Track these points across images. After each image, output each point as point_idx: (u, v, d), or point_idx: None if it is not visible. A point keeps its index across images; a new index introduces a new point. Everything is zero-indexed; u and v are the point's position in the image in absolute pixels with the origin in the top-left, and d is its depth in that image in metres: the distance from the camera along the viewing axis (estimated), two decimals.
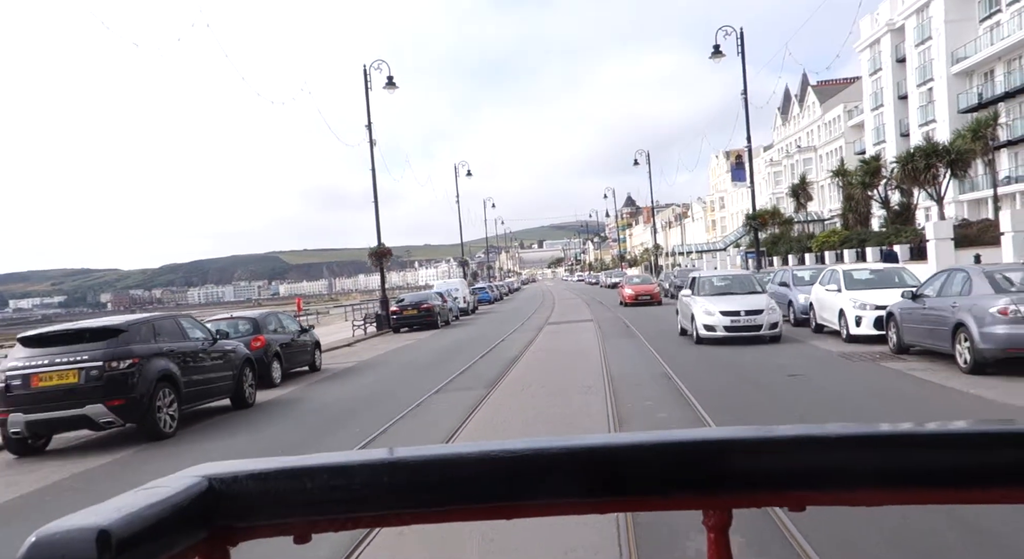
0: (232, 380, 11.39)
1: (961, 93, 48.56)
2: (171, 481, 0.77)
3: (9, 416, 8.89)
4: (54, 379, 8.88)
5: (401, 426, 9.28)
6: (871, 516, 4.38)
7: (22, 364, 8.98)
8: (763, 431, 0.81)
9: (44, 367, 8.88)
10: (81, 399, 8.88)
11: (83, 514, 0.68)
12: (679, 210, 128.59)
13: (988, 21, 46.95)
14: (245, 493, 0.77)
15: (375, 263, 31.12)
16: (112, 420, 9.06)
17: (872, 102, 61.47)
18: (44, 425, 9.03)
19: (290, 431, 9.80)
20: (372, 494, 0.79)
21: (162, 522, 0.70)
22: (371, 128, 29.99)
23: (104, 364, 8.94)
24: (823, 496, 0.80)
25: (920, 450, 0.77)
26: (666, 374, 11.58)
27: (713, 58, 29.04)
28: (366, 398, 12.07)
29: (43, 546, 0.64)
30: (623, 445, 0.83)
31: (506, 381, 12.28)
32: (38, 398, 8.86)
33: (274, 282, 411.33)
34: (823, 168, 67.71)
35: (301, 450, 7.60)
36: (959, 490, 0.77)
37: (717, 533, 0.81)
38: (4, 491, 7.87)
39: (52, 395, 8.86)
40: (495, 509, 0.81)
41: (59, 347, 9.12)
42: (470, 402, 10.39)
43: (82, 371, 8.90)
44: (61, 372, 8.89)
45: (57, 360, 8.93)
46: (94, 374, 8.91)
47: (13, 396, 8.89)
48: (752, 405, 8.87)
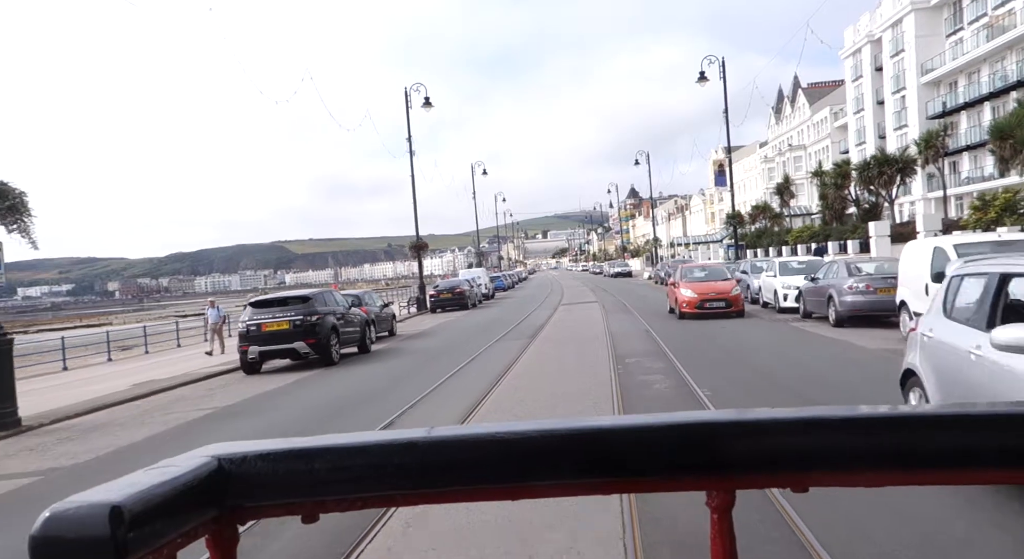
0: (360, 334, 17.30)
1: (929, 101, 54.10)
2: (182, 460, 0.79)
3: (249, 348, 14.83)
4: (274, 326, 14.81)
5: (479, 360, 15.01)
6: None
7: (254, 318, 14.89)
8: (766, 414, 0.82)
9: (269, 319, 14.79)
10: (291, 338, 14.82)
11: (96, 491, 0.69)
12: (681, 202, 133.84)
13: (953, 37, 52.45)
14: (254, 473, 0.80)
15: (414, 254, 36.98)
16: (308, 352, 14.98)
17: (854, 106, 66.91)
18: (268, 354, 15.00)
19: (404, 364, 15.54)
20: (379, 475, 0.81)
21: (173, 500, 0.72)
22: (411, 141, 35.66)
23: (303, 317, 14.84)
24: (825, 477, 0.81)
25: (921, 431, 0.79)
26: (648, 332, 17.40)
27: (699, 82, 34.67)
28: (445, 347, 17.89)
29: (57, 521, 0.66)
30: (628, 427, 0.83)
31: (540, 337, 18.15)
32: (266, 337, 14.80)
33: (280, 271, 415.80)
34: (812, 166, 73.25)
35: (417, 371, 13.25)
36: (960, 471, 0.79)
37: (720, 514, 0.82)
38: (242, 393, 13.57)
39: (274, 336, 14.78)
40: (501, 490, 0.83)
41: (274, 307, 15.06)
42: (518, 348, 16.18)
43: (291, 321, 14.82)
44: (279, 322, 14.82)
45: (276, 315, 14.84)
46: (298, 323, 14.82)
47: (251, 336, 14.83)
48: (697, 348, 14.60)
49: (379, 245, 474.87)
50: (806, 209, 67.26)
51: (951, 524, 4.41)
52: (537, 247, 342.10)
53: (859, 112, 65.76)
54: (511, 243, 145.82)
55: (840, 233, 36.83)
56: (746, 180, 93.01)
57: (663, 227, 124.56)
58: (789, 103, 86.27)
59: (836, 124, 71.98)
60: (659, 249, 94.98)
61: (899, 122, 58.43)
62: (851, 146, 66.34)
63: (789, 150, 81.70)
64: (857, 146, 64.54)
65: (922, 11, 54.28)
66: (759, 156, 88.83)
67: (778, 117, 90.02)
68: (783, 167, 79.83)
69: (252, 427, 9.64)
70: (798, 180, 72.89)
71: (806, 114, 79.73)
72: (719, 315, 19.79)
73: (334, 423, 9.40)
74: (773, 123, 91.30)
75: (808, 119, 78.91)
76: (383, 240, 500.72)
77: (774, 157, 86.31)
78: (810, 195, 72.27)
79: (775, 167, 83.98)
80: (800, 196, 70.28)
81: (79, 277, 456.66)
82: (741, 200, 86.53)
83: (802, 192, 71.73)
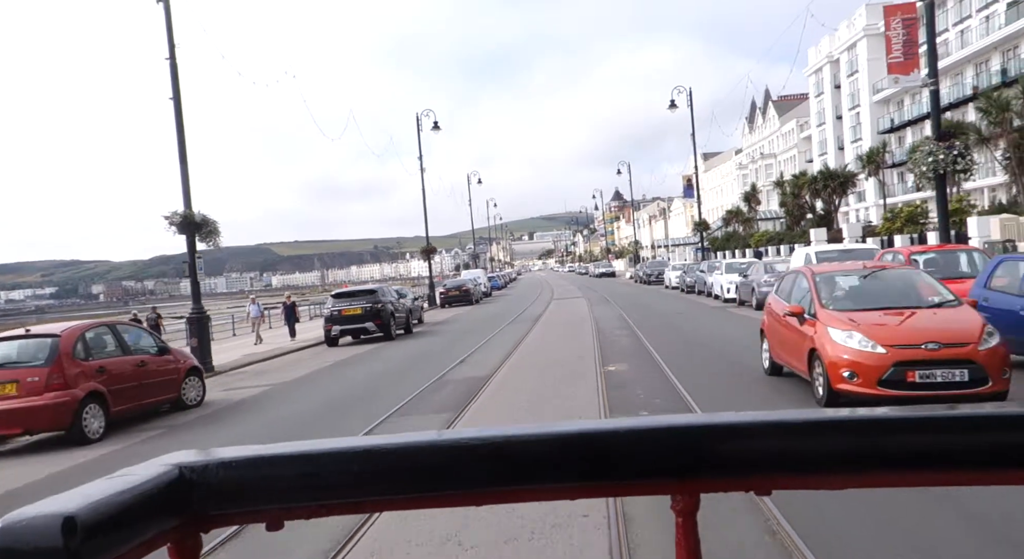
0: (406, 318, 23.03)
1: (880, 117, 60.54)
2: (142, 469, 0.78)
3: (332, 327, 20.54)
4: (351, 311, 20.49)
5: (500, 335, 20.61)
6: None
7: (336, 305, 20.60)
8: (731, 417, 0.82)
9: (347, 306, 20.51)
10: (363, 320, 20.54)
11: (49, 501, 0.69)
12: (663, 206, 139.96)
13: None
14: (216, 481, 0.79)
15: (424, 257, 42.65)
16: (375, 330, 20.66)
17: (817, 120, 73.30)
18: (346, 331, 20.75)
19: (444, 338, 21.13)
20: (343, 482, 0.80)
21: (131, 509, 0.71)
22: (422, 159, 41.22)
23: (371, 305, 20.55)
24: (789, 480, 0.83)
25: (885, 434, 0.79)
26: (621, 316, 23.18)
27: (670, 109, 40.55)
28: (470, 329, 23.53)
29: (8, 532, 0.65)
30: (592, 432, 0.84)
31: (541, 321, 23.91)
32: (344, 319, 20.52)
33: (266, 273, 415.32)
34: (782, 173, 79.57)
35: (458, 341, 19.10)
36: (923, 472, 0.80)
37: (685, 517, 0.82)
38: (338, 356, 19.02)
39: (350, 318, 20.49)
40: (470, 496, 0.83)
41: (350, 298, 20.78)
42: (527, 328, 21.87)
43: (363, 308, 20.51)
44: (353, 308, 20.54)
45: (352, 303, 20.55)
46: (367, 309, 20.53)
47: (333, 318, 20.59)
48: (651, 324, 20.34)
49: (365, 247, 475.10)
50: (776, 213, 73.53)
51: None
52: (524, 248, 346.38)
53: (821, 125, 72.14)
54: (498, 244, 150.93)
55: (791, 237, 42.90)
56: (723, 185, 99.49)
57: (646, 229, 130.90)
58: (761, 114, 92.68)
59: (802, 135, 78.37)
60: (641, 251, 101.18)
61: (855, 135, 64.84)
62: (815, 155, 72.73)
63: (761, 158, 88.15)
64: (820, 156, 70.90)
65: (873, 37, 60.60)
66: (734, 163, 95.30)
67: (751, 127, 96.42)
68: (755, 174, 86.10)
69: (370, 368, 15.30)
70: (768, 187, 79.08)
71: (776, 125, 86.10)
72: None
73: (422, 364, 15.06)
74: (747, 132, 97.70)
75: (777, 130, 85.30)
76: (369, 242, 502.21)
77: (748, 164, 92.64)
78: (777, 201, 78.83)
79: (748, 174, 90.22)
80: (771, 202, 76.57)
81: (62, 280, 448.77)
82: (719, 203, 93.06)
83: (773, 198, 78.07)
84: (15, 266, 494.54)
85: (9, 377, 9.31)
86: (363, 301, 20.65)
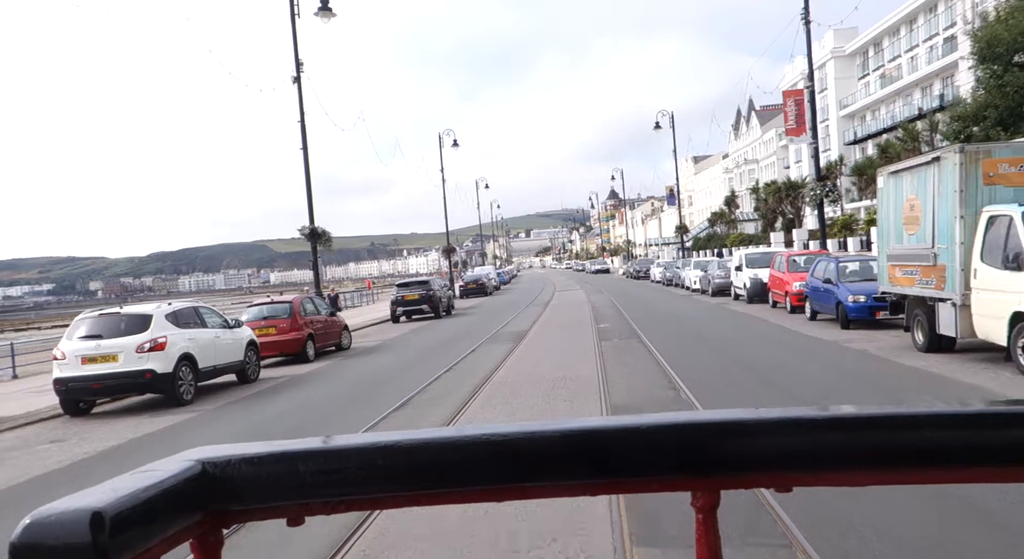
0: (448, 303, 30.28)
1: (846, 130, 68.02)
2: (165, 464, 0.79)
3: (396, 308, 27.79)
4: (410, 296, 27.80)
5: (522, 314, 27.68)
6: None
7: (399, 292, 27.90)
8: (751, 414, 0.81)
9: (408, 292, 27.81)
10: (419, 303, 27.84)
11: (77, 496, 0.69)
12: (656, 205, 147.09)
13: (863, 80, 66.29)
14: (238, 477, 0.80)
15: (445, 256, 49.80)
16: (429, 311, 27.95)
17: None
18: (407, 312, 27.98)
19: (481, 317, 28.15)
20: (365, 477, 0.81)
21: (156, 505, 0.72)
22: (444, 171, 48.18)
23: (425, 291, 27.86)
24: (810, 477, 0.82)
25: (904, 431, 0.79)
26: (612, 302, 30.35)
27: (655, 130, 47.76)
28: (497, 312, 30.58)
29: (38, 527, 0.66)
30: (612, 428, 0.83)
31: (551, 305, 31.13)
32: (406, 302, 27.82)
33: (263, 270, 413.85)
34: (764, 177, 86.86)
35: (494, 317, 26.51)
36: (945, 470, 0.79)
37: (705, 514, 0.83)
38: (402, 330, 25.98)
39: (409, 302, 27.78)
40: (487, 492, 0.84)
41: (410, 287, 28.07)
42: (540, 310, 29.02)
43: (419, 294, 27.79)
44: (412, 294, 27.85)
45: (410, 291, 27.86)
46: (422, 295, 27.82)
47: (397, 302, 27.84)
48: (634, 305, 27.47)
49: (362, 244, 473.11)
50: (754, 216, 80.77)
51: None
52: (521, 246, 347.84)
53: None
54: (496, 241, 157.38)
55: (760, 239, 50.18)
56: (711, 187, 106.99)
57: (640, 228, 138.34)
58: (745, 122, 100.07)
59: (780, 144, 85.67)
60: (634, 249, 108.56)
61: (825, 146, 72.06)
62: (791, 163, 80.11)
63: (745, 163, 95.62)
64: (796, 163, 78.25)
65: (840, 58, 68.15)
66: (721, 167, 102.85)
67: (736, 134, 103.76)
68: (740, 178, 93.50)
69: (444, 332, 22.38)
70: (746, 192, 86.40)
71: (758, 133, 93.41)
72: (653, 289, 32.88)
73: (480, 327, 22.19)
74: (733, 139, 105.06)
75: (759, 138, 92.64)
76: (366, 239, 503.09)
77: (733, 168, 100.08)
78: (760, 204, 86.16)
79: (733, 178, 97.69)
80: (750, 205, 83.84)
81: (59, 276, 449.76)
82: (708, 204, 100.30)
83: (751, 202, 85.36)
84: (11, 262, 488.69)
85: (271, 324, 16.54)
86: (419, 289, 27.90)
